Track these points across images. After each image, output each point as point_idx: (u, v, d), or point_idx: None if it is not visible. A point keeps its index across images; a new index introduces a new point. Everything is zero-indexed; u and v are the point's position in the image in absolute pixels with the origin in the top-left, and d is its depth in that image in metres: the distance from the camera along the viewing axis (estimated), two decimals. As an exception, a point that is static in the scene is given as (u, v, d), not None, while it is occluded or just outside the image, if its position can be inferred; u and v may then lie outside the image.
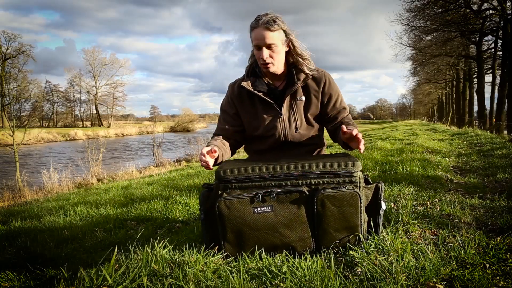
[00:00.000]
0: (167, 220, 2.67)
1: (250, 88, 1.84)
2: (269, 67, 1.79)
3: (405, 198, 2.38)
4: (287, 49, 1.82)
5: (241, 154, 7.99)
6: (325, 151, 2.05)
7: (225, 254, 1.55)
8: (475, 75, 22.93)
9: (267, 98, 1.83)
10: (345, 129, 1.57)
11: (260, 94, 1.83)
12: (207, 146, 1.70)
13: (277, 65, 1.80)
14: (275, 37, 1.74)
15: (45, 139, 34.95)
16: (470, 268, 1.35)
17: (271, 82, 1.88)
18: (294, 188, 1.52)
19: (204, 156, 1.59)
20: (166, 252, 1.55)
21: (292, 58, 1.85)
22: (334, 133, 1.90)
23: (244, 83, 1.85)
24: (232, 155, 1.93)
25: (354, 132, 1.54)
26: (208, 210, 1.60)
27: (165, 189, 4.13)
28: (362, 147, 1.57)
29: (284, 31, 1.77)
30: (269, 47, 1.74)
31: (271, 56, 1.76)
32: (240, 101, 1.90)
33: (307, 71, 1.83)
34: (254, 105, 1.88)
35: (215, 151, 1.64)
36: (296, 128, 1.85)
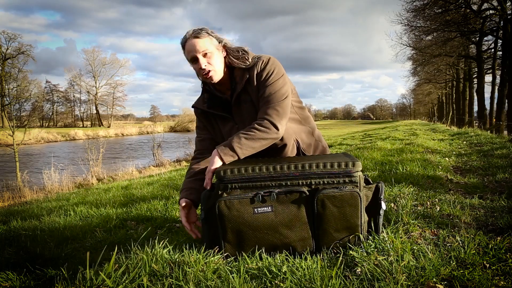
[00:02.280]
0: (167, 220, 2.67)
1: (204, 108, 1.86)
2: (211, 76, 1.73)
3: (405, 198, 2.38)
4: (225, 54, 1.78)
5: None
6: (309, 141, 1.86)
7: (225, 254, 1.55)
8: (475, 75, 22.92)
9: (220, 113, 1.83)
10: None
11: (213, 111, 1.84)
12: (182, 189, 1.83)
13: (219, 72, 1.75)
14: (207, 43, 1.71)
15: (45, 139, 34.96)
16: (470, 268, 1.35)
17: (223, 94, 1.85)
18: (294, 188, 1.52)
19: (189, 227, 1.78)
20: (166, 252, 1.55)
21: (228, 61, 1.79)
22: None
23: (198, 104, 1.89)
24: None
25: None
26: (209, 210, 1.60)
27: (165, 189, 4.14)
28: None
29: (214, 37, 1.74)
30: (204, 55, 1.71)
31: (209, 63, 1.72)
32: (205, 118, 1.92)
33: (242, 66, 1.76)
34: (215, 121, 1.88)
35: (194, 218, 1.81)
36: None
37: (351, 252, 1.49)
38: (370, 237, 1.59)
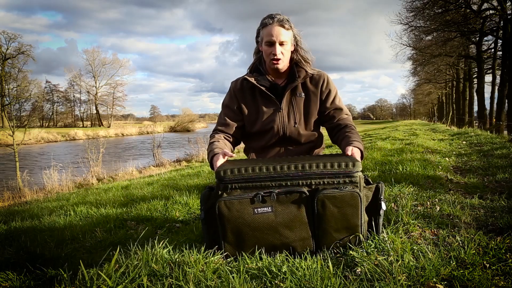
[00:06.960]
0: (167, 220, 2.67)
1: (253, 81, 1.92)
2: (278, 64, 1.87)
3: (405, 198, 2.38)
4: (293, 49, 1.92)
5: (241, 154, 7.97)
6: (325, 151, 2.08)
7: (225, 254, 1.55)
8: (475, 75, 22.91)
9: (268, 92, 1.91)
10: (348, 152, 1.65)
11: (262, 88, 1.90)
12: (213, 149, 1.77)
13: (285, 63, 1.90)
14: (287, 36, 1.86)
15: (45, 139, 34.92)
16: (470, 268, 1.35)
17: (273, 79, 1.95)
18: (294, 189, 1.52)
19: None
20: (166, 252, 1.55)
21: (295, 57, 1.94)
22: (332, 133, 1.97)
23: (247, 77, 1.94)
24: None
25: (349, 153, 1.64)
26: (209, 210, 1.60)
27: (165, 189, 4.14)
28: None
29: (294, 32, 1.90)
30: (281, 44, 1.85)
31: (282, 53, 1.85)
32: (242, 95, 1.96)
33: (307, 70, 1.92)
34: (255, 99, 1.94)
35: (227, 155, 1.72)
36: (295, 123, 1.91)
37: (351, 252, 1.49)
38: (370, 237, 1.59)
